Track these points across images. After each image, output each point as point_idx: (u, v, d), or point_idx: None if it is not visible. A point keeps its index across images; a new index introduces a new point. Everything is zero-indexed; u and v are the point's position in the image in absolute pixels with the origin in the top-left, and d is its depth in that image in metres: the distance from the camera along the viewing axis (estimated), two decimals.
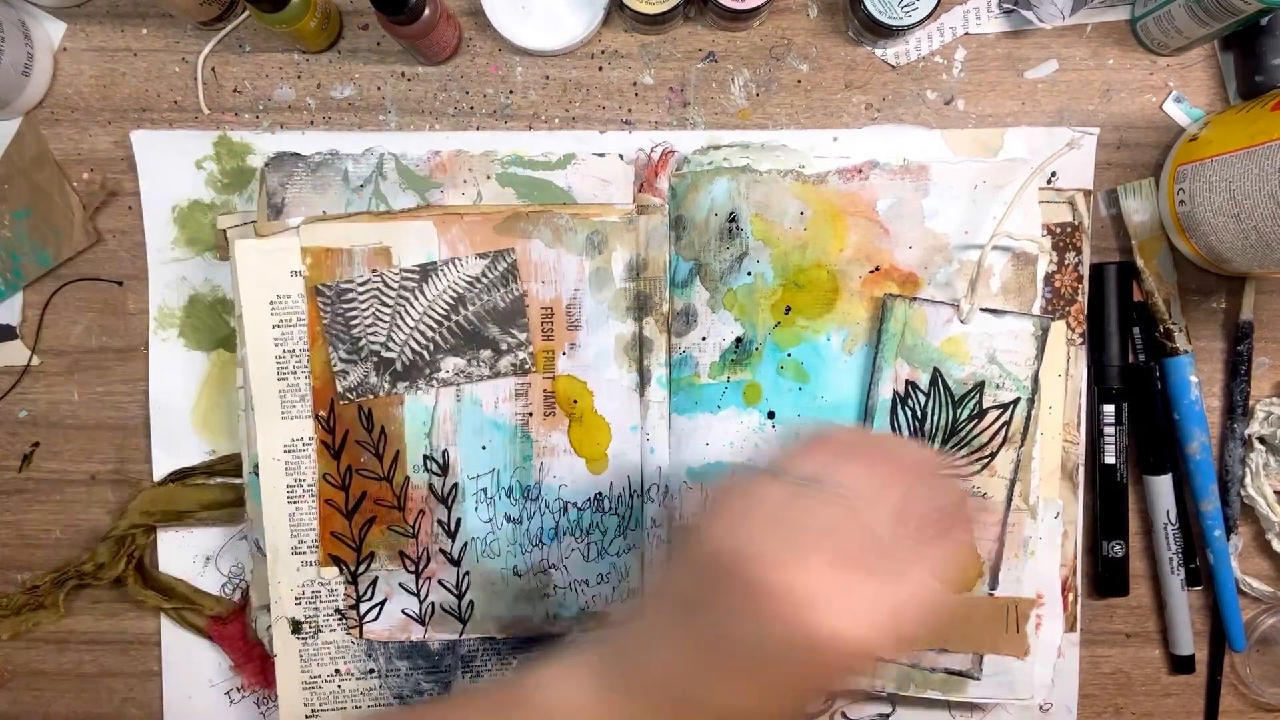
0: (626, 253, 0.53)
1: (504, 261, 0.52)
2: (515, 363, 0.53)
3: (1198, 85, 0.56)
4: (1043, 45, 0.55)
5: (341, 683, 0.54)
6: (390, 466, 0.53)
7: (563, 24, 0.54)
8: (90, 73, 0.55)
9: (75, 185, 0.55)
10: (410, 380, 0.52)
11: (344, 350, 0.52)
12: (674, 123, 0.56)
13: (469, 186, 0.53)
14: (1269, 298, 0.56)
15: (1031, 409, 0.52)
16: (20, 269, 0.55)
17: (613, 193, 0.53)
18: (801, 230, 0.53)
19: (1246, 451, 0.56)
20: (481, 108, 0.56)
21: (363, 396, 0.52)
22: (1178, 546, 0.55)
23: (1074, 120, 0.56)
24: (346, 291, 0.52)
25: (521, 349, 0.53)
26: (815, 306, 0.53)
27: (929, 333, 0.52)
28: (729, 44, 0.55)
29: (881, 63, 0.55)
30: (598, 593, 0.54)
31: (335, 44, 0.55)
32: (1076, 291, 0.54)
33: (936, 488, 0.37)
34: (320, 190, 0.53)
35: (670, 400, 0.54)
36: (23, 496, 0.57)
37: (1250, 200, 0.47)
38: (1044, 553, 0.54)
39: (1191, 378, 0.55)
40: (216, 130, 0.55)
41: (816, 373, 0.53)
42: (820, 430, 0.39)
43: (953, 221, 0.53)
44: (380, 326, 0.52)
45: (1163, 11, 0.52)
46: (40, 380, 0.57)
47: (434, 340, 0.52)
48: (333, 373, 0.52)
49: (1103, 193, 0.56)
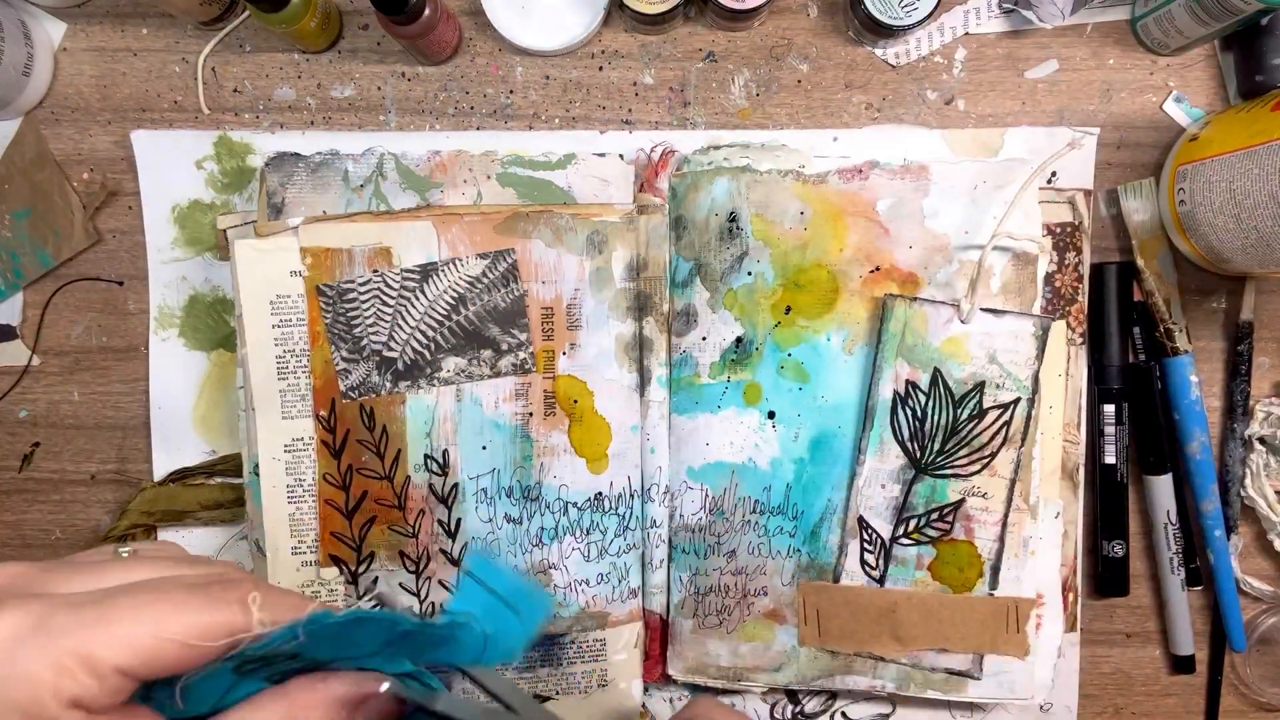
0: (627, 253, 0.53)
1: (504, 262, 0.52)
2: (516, 362, 0.53)
3: (1198, 85, 0.56)
4: (1043, 45, 0.55)
5: None
6: (391, 466, 0.53)
7: (563, 24, 0.54)
8: (90, 73, 0.55)
9: (75, 185, 0.55)
10: (412, 380, 0.52)
11: (346, 350, 0.52)
12: (674, 123, 0.56)
13: (469, 186, 0.53)
14: (1269, 298, 0.56)
15: (1032, 409, 0.52)
16: (20, 269, 0.55)
17: (613, 193, 0.53)
18: (802, 230, 0.53)
19: (1246, 452, 0.56)
20: (481, 108, 0.56)
21: (365, 396, 0.52)
22: (1178, 546, 0.55)
23: (1074, 120, 0.56)
24: (348, 291, 0.52)
25: (522, 349, 0.53)
26: (815, 306, 0.53)
27: (929, 333, 0.52)
28: (729, 44, 0.55)
29: (881, 63, 0.55)
30: (598, 592, 0.54)
31: (335, 44, 0.55)
32: (1077, 291, 0.54)
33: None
34: (320, 190, 0.53)
35: (670, 400, 0.54)
36: (23, 496, 0.57)
37: (1250, 200, 0.47)
38: (1044, 553, 0.54)
39: (1191, 378, 0.55)
40: (216, 130, 0.55)
41: (816, 373, 0.53)
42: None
43: (953, 221, 0.53)
44: (382, 326, 0.52)
45: (1163, 11, 0.52)
46: (40, 380, 0.57)
47: (435, 340, 0.52)
48: (335, 372, 0.52)
49: (1103, 193, 0.56)
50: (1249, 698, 0.58)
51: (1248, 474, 0.56)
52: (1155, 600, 0.57)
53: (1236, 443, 0.56)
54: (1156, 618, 0.58)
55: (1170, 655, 0.58)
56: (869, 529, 0.53)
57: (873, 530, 0.53)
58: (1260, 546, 0.57)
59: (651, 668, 0.55)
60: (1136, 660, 0.58)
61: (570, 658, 0.54)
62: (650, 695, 0.56)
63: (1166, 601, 0.56)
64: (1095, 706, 0.58)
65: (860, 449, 0.53)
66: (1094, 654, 0.58)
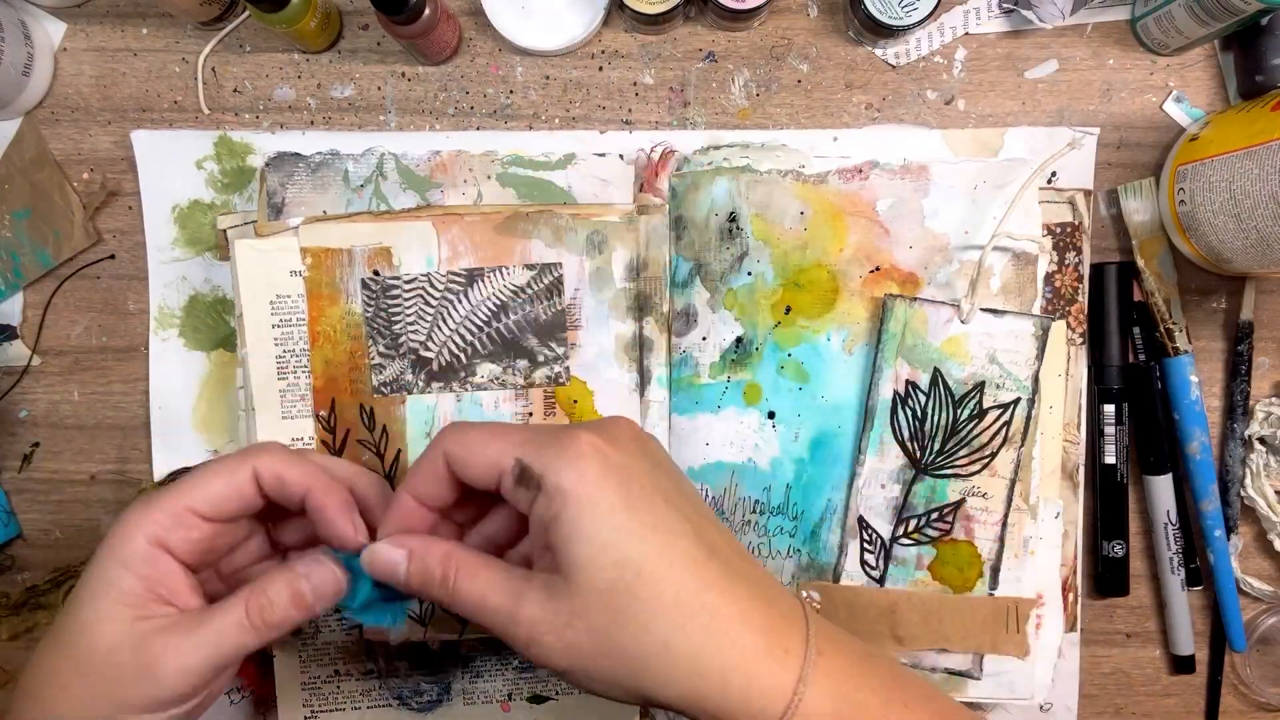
0: (627, 253, 0.53)
1: (550, 275, 0.52)
2: (551, 375, 0.53)
3: (1198, 85, 0.56)
4: (1043, 45, 0.55)
5: (341, 683, 0.54)
6: (391, 466, 0.53)
7: (563, 24, 0.54)
8: (90, 73, 0.55)
9: (75, 185, 0.55)
10: (445, 381, 0.52)
11: (383, 344, 0.52)
12: (674, 123, 0.56)
13: (469, 186, 0.53)
14: (1269, 298, 0.56)
15: (1032, 409, 0.52)
16: (20, 269, 0.55)
17: (613, 193, 0.53)
18: (801, 230, 0.53)
19: (1246, 452, 0.56)
20: (481, 108, 0.56)
21: (397, 392, 0.52)
22: (1178, 546, 0.55)
23: (1074, 120, 0.56)
24: (393, 287, 0.52)
25: (558, 362, 0.53)
26: (815, 306, 0.53)
27: (929, 333, 0.52)
28: (729, 44, 0.55)
29: (881, 63, 0.55)
30: None
31: (335, 44, 0.55)
32: (1077, 291, 0.54)
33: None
34: (321, 190, 0.53)
35: (670, 400, 0.54)
36: (23, 496, 0.57)
37: (1250, 200, 0.47)
38: (1044, 553, 0.54)
39: (1191, 378, 0.55)
40: (217, 130, 0.55)
41: (816, 373, 0.53)
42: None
43: (953, 221, 0.53)
44: (422, 325, 0.52)
45: (1163, 11, 0.52)
46: (40, 380, 0.57)
47: (473, 344, 0.52)
48: (369, 365, 0.52)
49: (1103, 193, 0.56)
50: (1249, 698, 0.58)
51: (1248, 474, 0.56)
52: (1155, 600, 0.57)
53: (1236, 443, 0.56)
54: (1156, 618, 0.58)
55: (1170, 655, 0.58)
56: (869, 529, 0.53)
57: (873, 530, 0.53)
58: (1260, 546, 0.57)
59: None
60: (1136, 660, 0.58)
61: None
62: None
63: (1166, 601, 0.56)
64: (1095, 706, 0.58)
65: (860, 449, 0.53)
66: (1094, 654, 0.58)
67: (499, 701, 0.54)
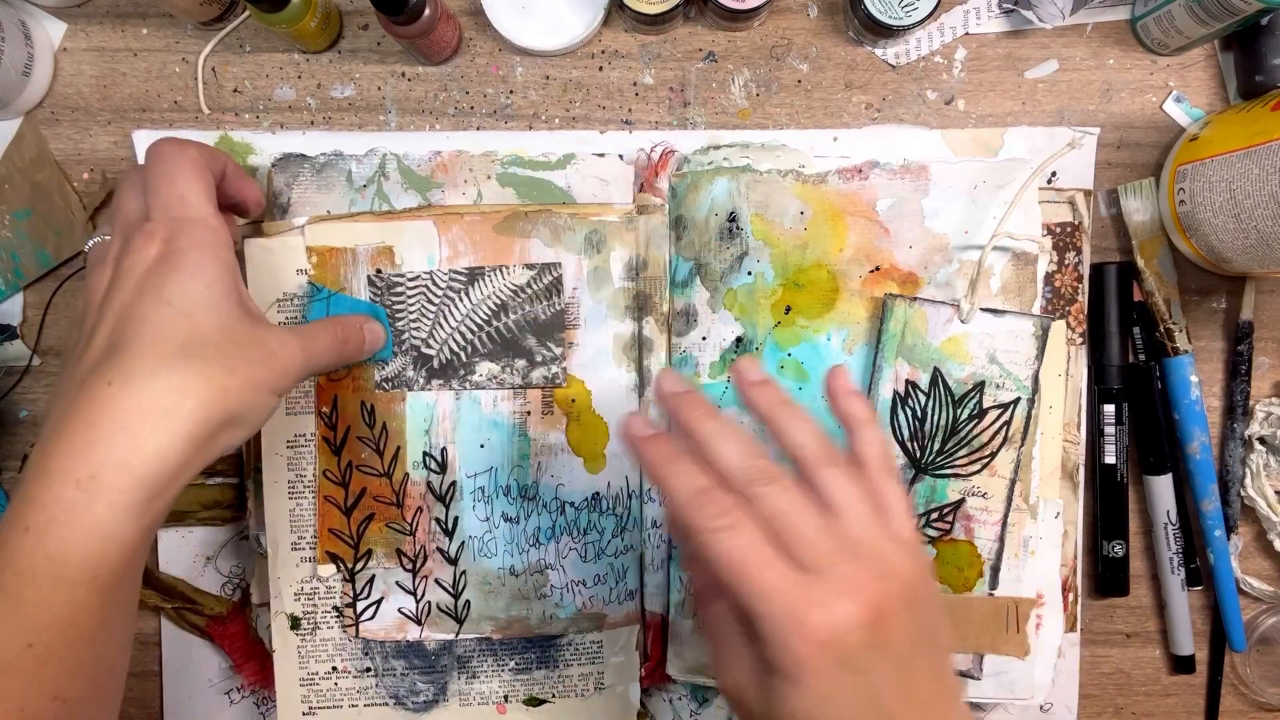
0: (625, 252, 0.53)
1: (549, 274, 0.52)
2: (548, 375, 0.53)
3: (1198, 85, 0.56)
4: (1043, 45, 0.55)
5: (339, 680, 0.54)
6: (390, 463, 0.53)
7: (563, 24, 0.54)
8: (90, 73, 0.55)
9: (75, 185, 0.55)
10: (445, 379, 0.53)
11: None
12: (674, 123, 0.56)
13: (469, 186, 0.53)
14: (1269, 298, 0.56)
15: (1032, 409, 0.52)
16: (20, 269, 0.55)
17: (613, 193, 0.53)
18: (801, 230, 0.53)
19: (1246, 452, 0.56)
20: (482, 108, 0.56)
21: (397, 389, 0.53)
22: (1178, 546, 0.55)
23: (1074, 120, 0.56)
24: (397, 285, 0.52)
25: (555, 363, 0.53)
26: (815, 306, 0.53)
27: (929, 332, 0.52)
28: (729, 44, 0.55)
29: (881, 63, 0.55)
30: (595, 593, 0.54)
31: (335, 44, 0.55)
32: (1076, 291, 0.54)
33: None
34: (325, 190, 0.53)
35: None
36: None
37: (1250, 200, 0.47)
38: (1044, 553, 0.54)
39: (1191, 378, 0.55)
40: (217, 130, 0.55)
41: (816, 372, 0.53)
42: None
43: (953, 221, 0.53)
44: (424, 323, 0.52)
45: (1163, 11, 0.52)
46: (41, 380, 0.57)
47: (473, 343, 0.53)
48: (372, 361, 0.53)
49: (1103, 193, 0.56)
50: (1249, 698, 0.58)
51: (1248, 474, 0.56)
52: (1155, 600, 0.57)
53: (1236, 443, 0.56)
54: (1156, 618, 0.58)
55: (1170, 655, 0.57)
56: None
57: None
58: (1260, 546, 0.57)
59: (652, 669, 0.55)
60: (1136, 660, 0.58)
61: (567, 660, 0.54)
62: (651, 695, 0.56)
63: (1166, 601, 0.56)
64: (1095, 706, 0.58)
65: None
66: (1094, 654, 0.58)
67: (495, 703, 0.54)
